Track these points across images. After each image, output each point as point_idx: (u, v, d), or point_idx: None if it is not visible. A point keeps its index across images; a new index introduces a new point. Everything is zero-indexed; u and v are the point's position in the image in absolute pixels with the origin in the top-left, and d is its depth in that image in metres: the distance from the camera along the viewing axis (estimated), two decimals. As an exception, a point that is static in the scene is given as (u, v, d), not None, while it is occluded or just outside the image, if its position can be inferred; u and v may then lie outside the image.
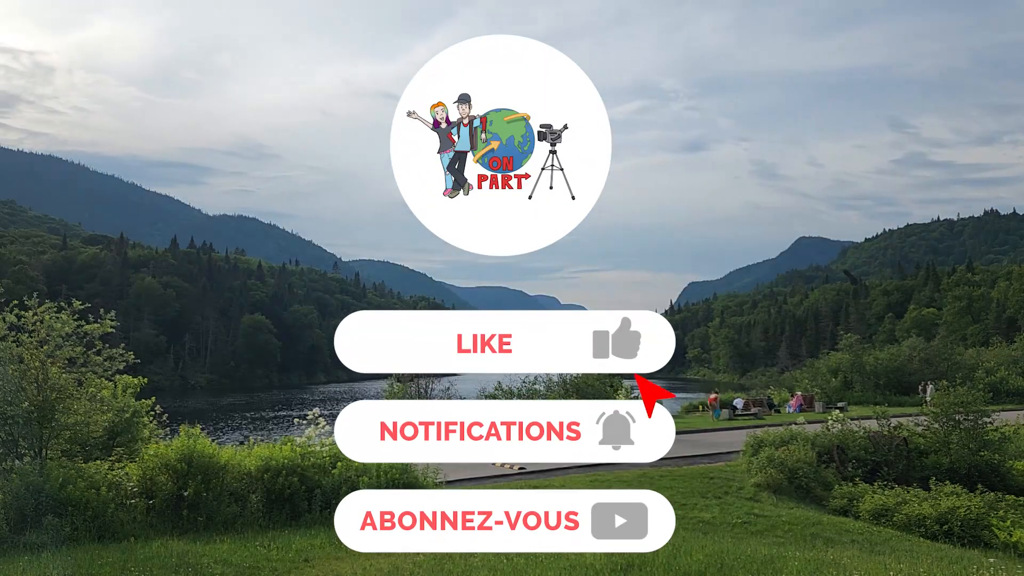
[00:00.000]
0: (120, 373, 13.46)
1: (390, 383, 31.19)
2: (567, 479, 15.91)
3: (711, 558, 8.70)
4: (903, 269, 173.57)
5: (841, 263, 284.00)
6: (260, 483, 12.46)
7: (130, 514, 11.54)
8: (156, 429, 14.98)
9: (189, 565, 9.04)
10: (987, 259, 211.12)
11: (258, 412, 67.95)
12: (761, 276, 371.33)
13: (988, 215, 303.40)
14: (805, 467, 17.03)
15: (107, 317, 13.05)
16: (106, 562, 9.08)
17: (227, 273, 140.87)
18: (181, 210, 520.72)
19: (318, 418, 14.48)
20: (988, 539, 13.66)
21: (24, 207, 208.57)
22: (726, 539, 11.03)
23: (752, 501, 15.11)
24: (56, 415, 11.53)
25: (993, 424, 18.78)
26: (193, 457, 12.09)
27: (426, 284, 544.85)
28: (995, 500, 15.19)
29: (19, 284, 77.89)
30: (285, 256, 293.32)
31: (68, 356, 12.25)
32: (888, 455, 18.33)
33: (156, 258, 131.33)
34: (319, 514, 12.24)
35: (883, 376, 41.46)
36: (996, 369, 42.27)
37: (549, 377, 31.54)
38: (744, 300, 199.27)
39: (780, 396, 39.61)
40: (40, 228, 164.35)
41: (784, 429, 20.06)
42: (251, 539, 10.88)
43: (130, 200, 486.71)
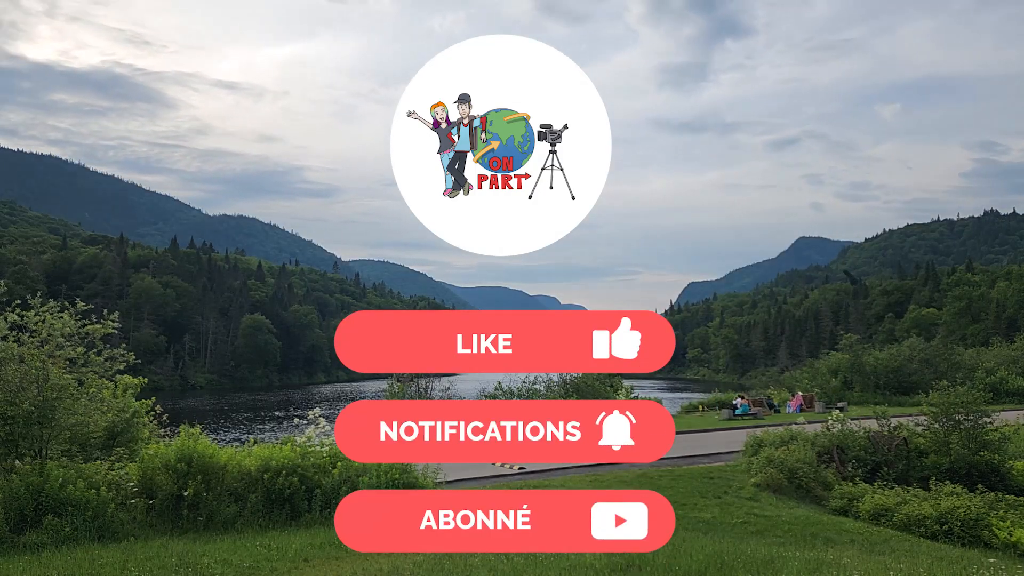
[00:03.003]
0: (120, 373, 13.47)
1: (390, 383, 31.24)
2: (567, 479, 15.92)
3: (711, 558, 8.70)
4: (903, 269, 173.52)
5: (841, 263, 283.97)
6: (260, 483, 12.46)
7: (130, 514, 11.55)
8: (156, 429, 14.99)
9: (189, 565, 9.03)
10: (987, 259, 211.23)
11: (258, 412, 67.93)
12: (761, 276, 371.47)
13: (988, 215, 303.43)
14: (805, 467, 17.04)
15: (109, 318, 13.05)
16: (106, 562, 9.07)
17: (227, 273, 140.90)
18: (181, 210, 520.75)
19: (318, 418, 14.49)
20: (988, 539, 13.65)
21: (24, 207, 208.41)
22: (726, 539, 11.03)
23: (752, 501, 15.12)
24: (56, 415, 11.53)
25: (993, 424, 18.77)
26: (193, 457, 12.10)
27: (426, 284, 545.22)
28: (995, 500, 15.19)
29: (19, 284, 77.83)
30: (285, 256, 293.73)
31: (69, 356, 12.26)
32: (888, 455, 18.34)
33: (156, 258, 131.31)
34: (319, 514, 12.24)
35: (883, 376, 41.50)
36: (996, 369, 42.32)
37: (549, 377, 31.60)
38: (744, 300, 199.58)
39: (780, 396, 39.65)
40: (40, 228, 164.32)
41: (784, 429, 20.09)
42: (251, 539, 10.87)
43: (130, 200, 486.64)
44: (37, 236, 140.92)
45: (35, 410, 11.35)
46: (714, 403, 39.75)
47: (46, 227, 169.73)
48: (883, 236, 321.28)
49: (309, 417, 14.68)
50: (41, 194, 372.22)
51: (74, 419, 11.76)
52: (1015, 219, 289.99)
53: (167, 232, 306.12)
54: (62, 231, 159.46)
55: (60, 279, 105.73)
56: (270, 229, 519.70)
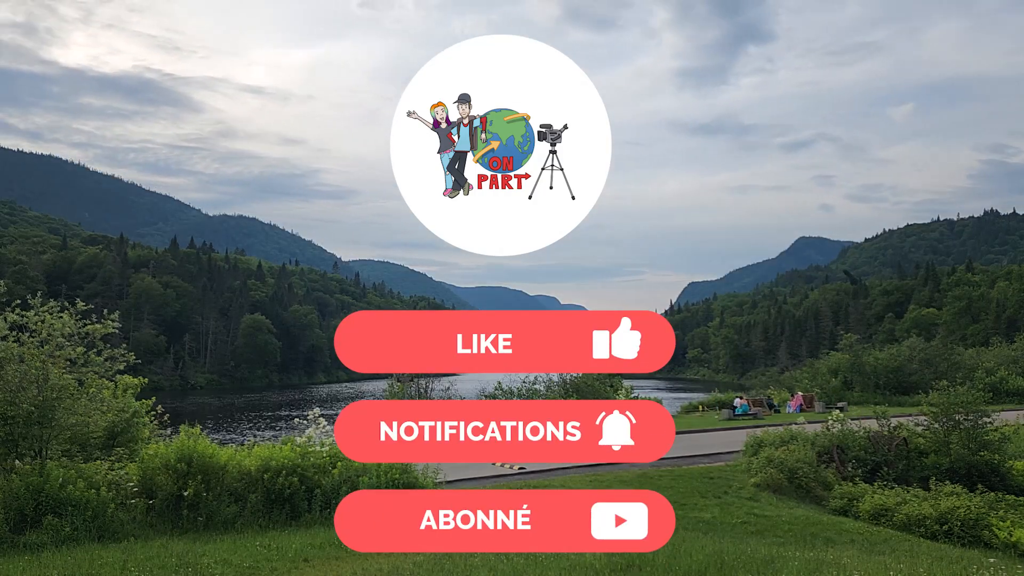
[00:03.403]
0: (120, 373, 13.48)
1: (390, 383, 31.28)
2: (567, 479, 15.92)
3: (711, 558, 8.70)
4: (903, 269, 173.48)
5: (841, 263, 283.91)
6: (260, 483, 12.47)
7: (130, 514, 11.55)
8: (156, 429, 15.00)
9: (189, 565, 9.03)
10: (987, 259, 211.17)
11: (258, 412, 67.93)
12: (761, 276, 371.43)
13: (988, 215, 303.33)
14: (805, 467, 17.04)
15: (109, 318, 13.05)
16: (106, 562, 9.07)
17: (227, 273, 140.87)
18: (181, 210, 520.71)
19: (318, 418, 14.50)
20: (988, 539, 13.66)
21: (24, 207, 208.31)
22: (726, 539, 11.03)
23: (752, 501, 15.12)
24: (56, 415, 11.53)
25: (993, 424, 18.78)
26: (193, 457, 12.10)
27: (426, 284, 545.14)
28: (995, 500, 15.20)
29: (19, 284, 77.81)
30: (285, 256, 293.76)
31: (69, 356, 12.26)
32: (888, 455, 18.34)
33: (156, 258, 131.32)
34: (319, 514, 12.25)
35: (883, 376, 41.51)
36: (996, 369, 42.30)
37: (549, 377, 31.62)
38: (744, 300, 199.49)
39: (780, 396, 39.65)
40: (40, 228, 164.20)
41: (784, 429, 20.10)
42: (251, 539, 10.88)
43: (130, 200, 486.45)
44: (37, 236, 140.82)
45: (35, 410, 11.35)
46: (714, 403, 39.77)
47: (46, 227, 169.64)
48: (883, 236, 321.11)
49: (309, 417, 14.69)
50: (41, 194, 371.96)
51: (74, 419, 11.76)
52: (1015, 219, 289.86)
53: (167, 232, 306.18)
54: (62, 231, 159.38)
55: (60, 279, 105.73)
56: (270, 229, 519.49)
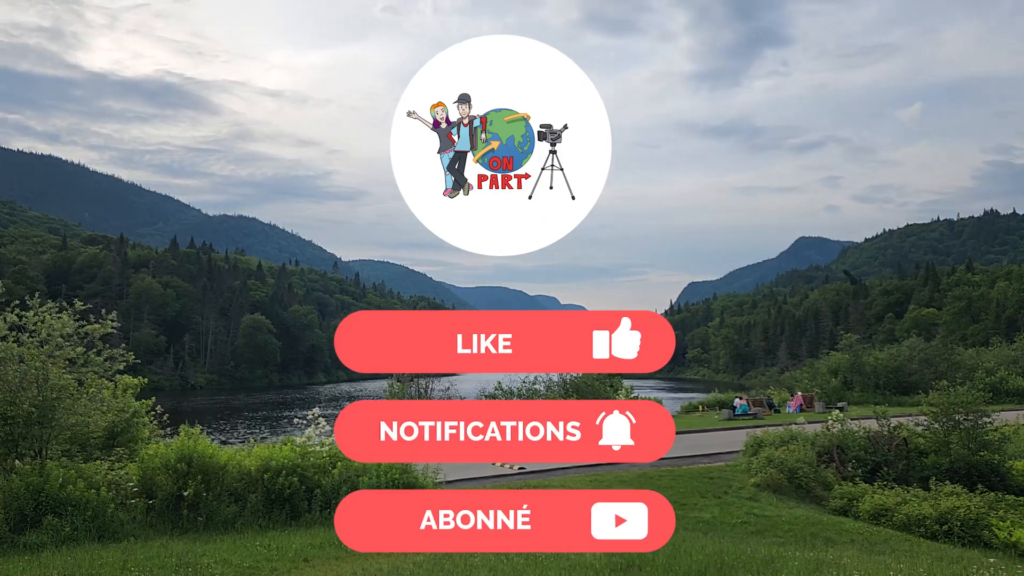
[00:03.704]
0: (120, 373, 13.48)
1: (390, 383, 31.28)
2: (567, 479, 15.92)
3: (711, 558, 8.70)
4: (903, 269, 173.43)
5: (841, 263, 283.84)
6: (260, 483, 12.46)
7: (130, 514, 11.55)
8: (156, 429, 14.99)
9: (189, 565, 9.03)
10: (987, 259, 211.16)
11: (258, 412, 67.93)
12: (761, 276, 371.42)
13: (988, 215, 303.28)
14: (805, 467, 17.04)
15: (108, 318, 13.06)
16: (106, 562, 9.07)
17: (227, 273, 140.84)
18: (181, 210, 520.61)
19: (318, 418, 14.50)
20: (988, 539, 13.66)
21: (24, 207, 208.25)
22: (726, 539, 11.03)
23: (752, 501, 15.12)
24: (56, 415, 11.53)
25: (993, 424, 18.78)
26: (193, 457, 12.10)
27: (426, 284, 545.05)
28: (995, 500, 15.20)
29: (19, 284, 77.80)
30: (285, 256, 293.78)
31: (69, 356, 12.26)
32: (888, 455, 18.34)
33: (156, 258, 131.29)
34: (319, 514, 12.24)
35: (883, 376, 41.51)
36: (996, 369, 42.30)
37: (549, 377, 31.62)
38: (744, 300, 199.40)
39: (780, 396, 39.65)
40: (40, 228, 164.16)
41: (784, 429, 20.10)
42: (251, 539, 10.88)
43: (130, 200, 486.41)
44: (37, 236, 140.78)
45: (35, 410, 11.35)
46: (714, 403, 39.76)
47: (46, 227, 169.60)
48: (883, 236, 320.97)
49: (309, 417, 14.68)
50: (41, 194, 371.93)
51: (74, 419, 11.76)
52: (1015, 219, 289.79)
53: (167, 232, 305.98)
54: (62, 231, 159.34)
55: (60, 279, 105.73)
56: (270, 229, 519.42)
